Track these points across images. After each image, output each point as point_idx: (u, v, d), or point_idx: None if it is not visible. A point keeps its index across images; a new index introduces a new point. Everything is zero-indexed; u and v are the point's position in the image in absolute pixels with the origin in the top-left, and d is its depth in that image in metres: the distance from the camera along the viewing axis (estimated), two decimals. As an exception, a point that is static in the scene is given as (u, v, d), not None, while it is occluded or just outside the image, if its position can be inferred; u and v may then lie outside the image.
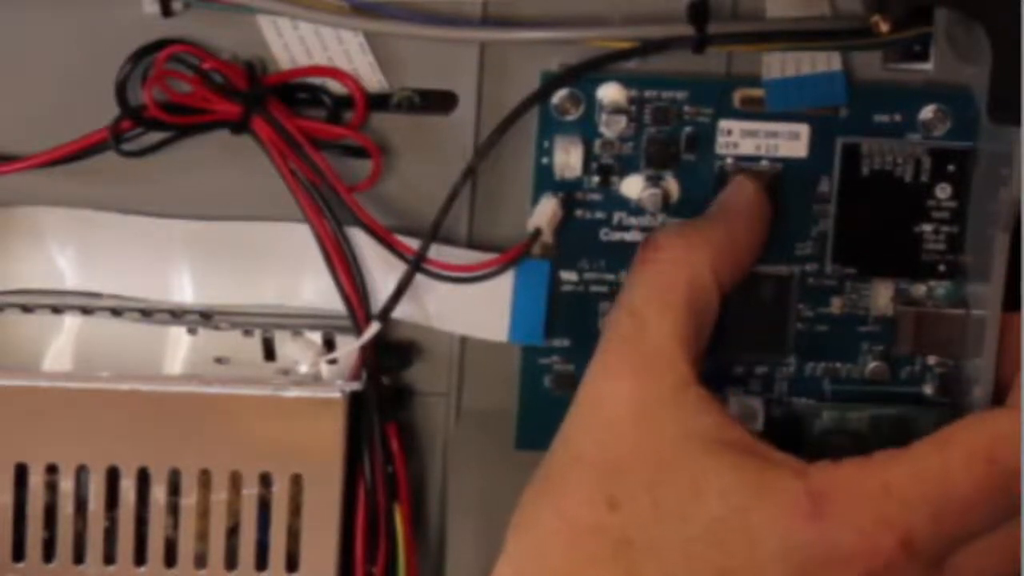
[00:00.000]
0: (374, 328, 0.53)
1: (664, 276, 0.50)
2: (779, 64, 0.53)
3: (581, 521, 0.47)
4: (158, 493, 0.54)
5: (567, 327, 0.55)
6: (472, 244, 0.54)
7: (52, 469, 0.54)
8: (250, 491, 0.54)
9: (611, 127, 0.53)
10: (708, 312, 0.51)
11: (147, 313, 0.55)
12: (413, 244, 0.53)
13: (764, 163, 0.54)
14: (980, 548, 0.48)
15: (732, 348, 0.53)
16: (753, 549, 0.46)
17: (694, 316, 0.50)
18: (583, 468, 0.48)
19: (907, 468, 0.47)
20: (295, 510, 0.54)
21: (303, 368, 0.54)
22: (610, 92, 0.53)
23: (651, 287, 0.50)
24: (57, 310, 0.55)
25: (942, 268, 0.54)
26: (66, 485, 0.54)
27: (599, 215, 0.54)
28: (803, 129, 0.53)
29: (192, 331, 0.55)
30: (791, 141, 0.53)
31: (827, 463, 0.47)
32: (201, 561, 0.55)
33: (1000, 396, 0.51)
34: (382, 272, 0.53)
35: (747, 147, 0.53)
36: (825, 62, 0.53)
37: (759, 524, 0.46)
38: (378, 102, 0.53)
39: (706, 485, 0.47)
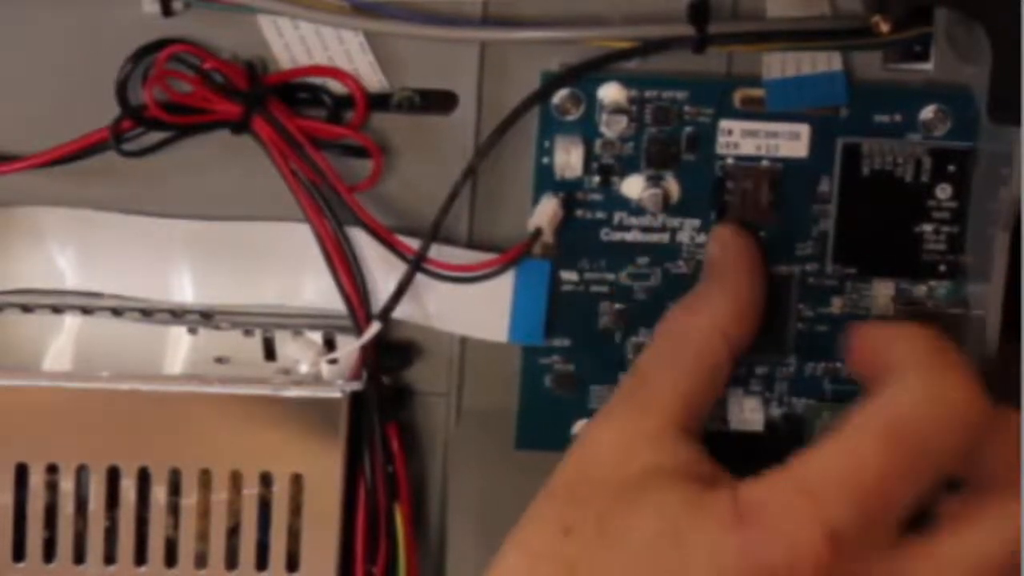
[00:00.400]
0: (374, 328, 0.53)
1: (671, 342, 0.51)
2: (779, 64, 0.53)
3: (538, 549, 0.48)
4: (158, 493, 0.54)
5: (567, 327, 0.55)
6: (472, 244, 0.54)
7: (52, 469, 0.54)
8: (250, 491, 0.54)
9: (612, 127, 0.53)
10: (718, 372, 0.51)
11: (147, 313, 0.55)
12: (413, 244, 0.53)
13: (764, 163, 0.54)
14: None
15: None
16: (685, 564, 0.46)
17: (700, 375, 0.51)
18: (551, 502, 0.49)
19: (819, 464, 0.46)
20: (295, 510, 0.54)
21: (303, 368, 0.54)
22: (610, 92, 0.53)
23: (659, 351, 0.51)
24: (57, 310, 0.55)
25: (942, 268, 0.54)
26: (66, 485, 0.54)
27: (599, 215, 0.54)
28: (803, 129, 0.53)
29: (192, 331, 0.55)
30: (791, 141, 0.53)
31: (757, 476, 0.47)
32: (201, 561, 0.55)
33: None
34: (382, 272, 0.53)
35: (747, 147, 0.53)
36: (825, 62, 0.53)
37: (691, 539, 0.46)
38: (378, 102, 0.53)
39: (647, 506, 0.47)
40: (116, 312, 0.55)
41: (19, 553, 0.54)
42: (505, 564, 0.48)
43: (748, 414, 0.54)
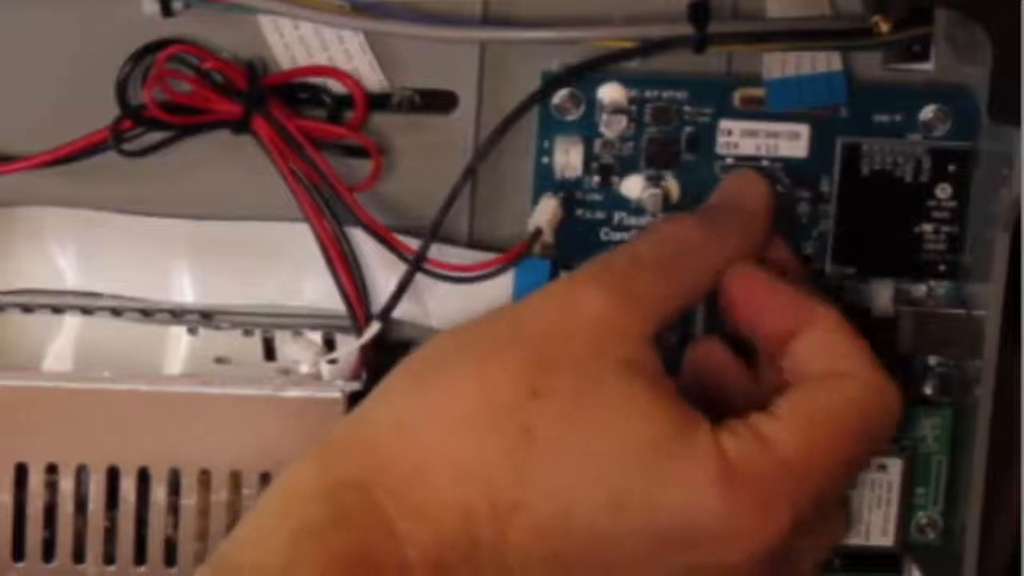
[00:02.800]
0: (374, 328, 0.53)
1: (680, 254, 0.50)
2: (779, 64, 0.53)
3: (498, 397, 0.46)
4: (158, 493, 0.54)
5: (567, 327, 0.55)
6: (472, 244, 0.54)
7: (52, 469, 0.54)
8: (250, 491, 0.54)
9: (611, 127, 0.53)
10: (698, 302, 0.51)
11: (147, 313, 0.55)
12: (413, 244, 0.53)
13: (765, 163, 0.54)
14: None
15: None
16: (662, 487, 0.46)
17: (690, 300, 0.50)
18: (522, 348, 0.47)
19: (800, 442, 0.47)
20: (295, 510, 0.54)
21: (303, 368, 0.54)
22: (610, 92, 0.53)
23: (664, 254, 0.50)
24: (57, 310, 0.55)
25: (942, 268, 0.54)
26: (66, 485, 0.54)
27: (599, 215, 0.54)
28: (803, 129, 0.54)
29: (192, 331, 0.55)
30: (791, 141, 0.53)
31: (735, 436, 0.47)
32: (201, 561, 0.54)
33: None
34: (382, 272, 0.53)
35: (747, 147, 0.53)
36: (825, 62, 0.53)
37: (672, 468, 0.46)
38: (378, 102, 0.53)
39: (634, 409, 0.46)
40: (116, 312, 0.55)
41: (19, 553, 0.54)
42: (457, 383, 0.46)
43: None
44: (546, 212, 0.53)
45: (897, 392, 0.49)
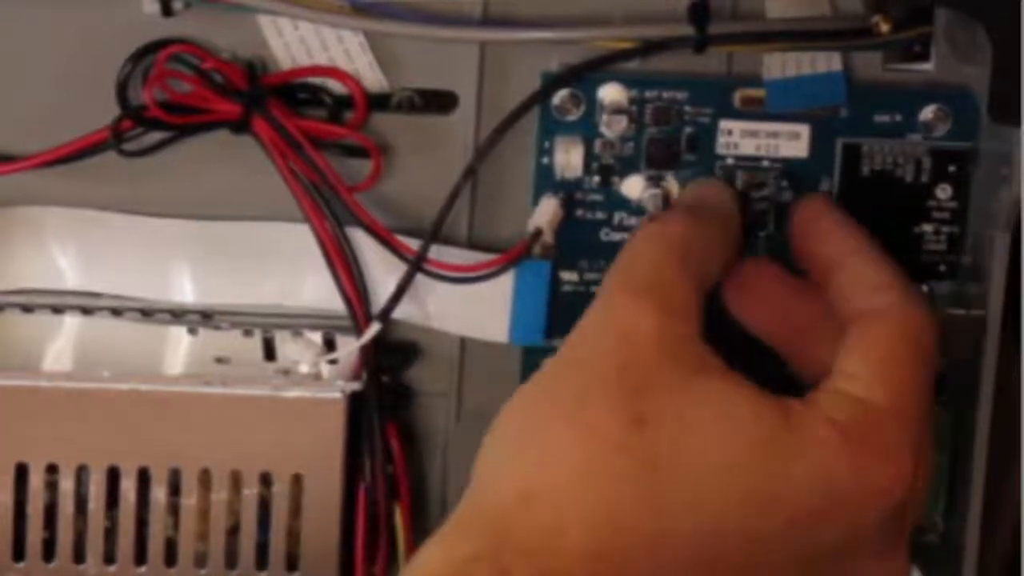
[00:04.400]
0: (374, 328, 0.53)
1: (661, 235, 0.50)
2: (779, 64, 0.53)
3: (606, 438, 0.46)
4: (158, 493, 0.54)
5: (567, 327, 0.54)
6: (472, 244, 0.54)
7: (52, 469, 0.54)
8: (250, 491, 0.54)
9: (612, 127, 0.53)
10: (709, 277, 0.51)
11: (147, 313, 0.55)
12: (413, 244, 0.53)
13: (764, 163, 0.54)
14: None
15: (734, 348, 0.53)
16: (789, 477, 0.46)
17: (696, 273, 0.50)
18: (607, 387, 0.46)
19: (887, 389, 0.48)
20: (295, 510, 0.54)
21: (303, 368, 0.54)
22: (611, 92, 0.53)
23: (656, 239, 0.50)
24: (57, 310, 0.55)
25: (942, 268, 0.54)
26: (66, 485, 0.54)
27: (600, 215, 0.54)
28: (803, 129, 0.54)
29: (192, 331, 0.55)
30: (792, 141, 0.53)
31: (835, 404, 0.48)
32: (201, 561, 0.55)
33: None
34: (382, 272, 0.53)
35: (747, 147, 0.53)
36: (825, 62, 0.53)
37: (795, 453, 0.46)
38: (378, 102, 0.53)
39: (738, 410, 0.47)
40: (116, 312, 0.55)
41: (19, 553, 0.54)
42: (557, 444, 0.46)
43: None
44: (546, 212, 0.53)
45: (930, 313, 0.50)
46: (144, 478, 0.54)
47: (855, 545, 0.48)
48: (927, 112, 0.53)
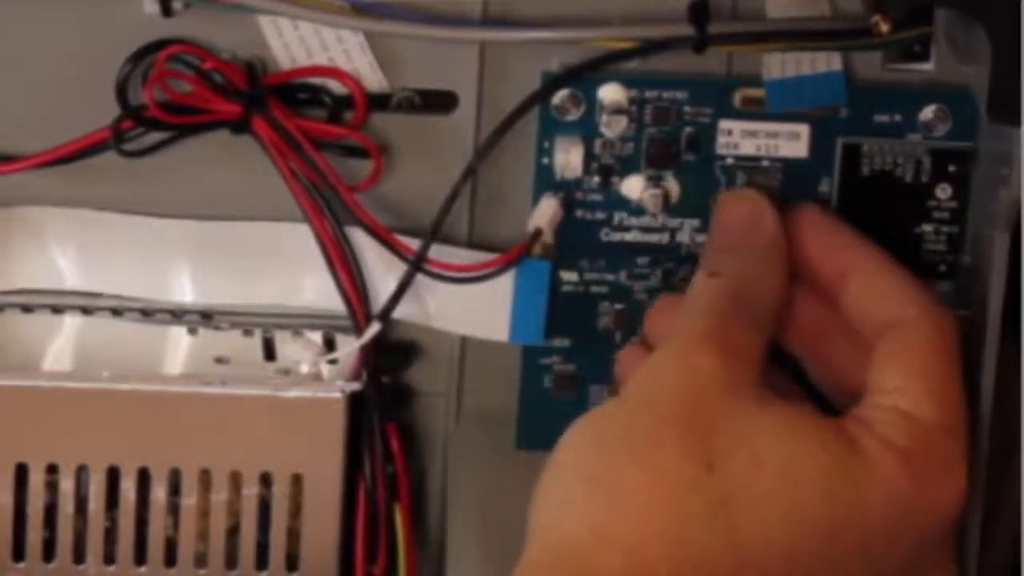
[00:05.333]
0: (374, 328, 0.53)
1: (731, 291, 0.51)
2: (779, 64, 0.53)
3: (677, 480, 0.46)
4: (158, 493, 0.54)
5: (567, 327, 0.55)
6: (472, 244, 0.54)
7: (52, 469, 0.54)
8: (250, 491, 0.54)
9: (612, 127, 0.53)
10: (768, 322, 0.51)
11: (147, 313, 0.55)
12: (413, 244, 0.53)
13: (765, 163, 0.54)
14: None
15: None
16: (863, 503, 0.47)
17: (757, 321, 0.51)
18: (674, 429, 0.47)
19: (932, 402, 0.49)
20: (295, 510, 0.54)
21: (303, 368, 0.54)
22: (611, 92, 0.53)
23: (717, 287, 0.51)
24: (57, 310, 0.55)
25: (943, 268, 0.54)
26: (66, 485, 0.54)
27: (599, 215, 0.54)
28: (803, 129, 0.53)
29: (192, 331, 0.55)
30: (791, 141, 0.53)
31: (888, 424, 0.48)
32: (201, 561, 0.55)
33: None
34: (382, 272, 0.53)
35: (747, 147, 0.53)
36: (825, 62, 0.53)
37: (863, 478, 0.47)
38: (378, 102, 0.53)
39: (804, 442, 0.47)
40: (116, 312, 0.55)
41: (19, 553, 0.54)
42: (628, 487, 0.46)
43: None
44: (546, 212, 0.53)
45: (952, 315, 0.50)
46: (144, 478, 0.54)
47: (921, 558, 0.49)
48: (927, 112, 0.53)
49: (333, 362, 0.54)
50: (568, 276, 0.54)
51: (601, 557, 0.46)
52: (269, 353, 0.55)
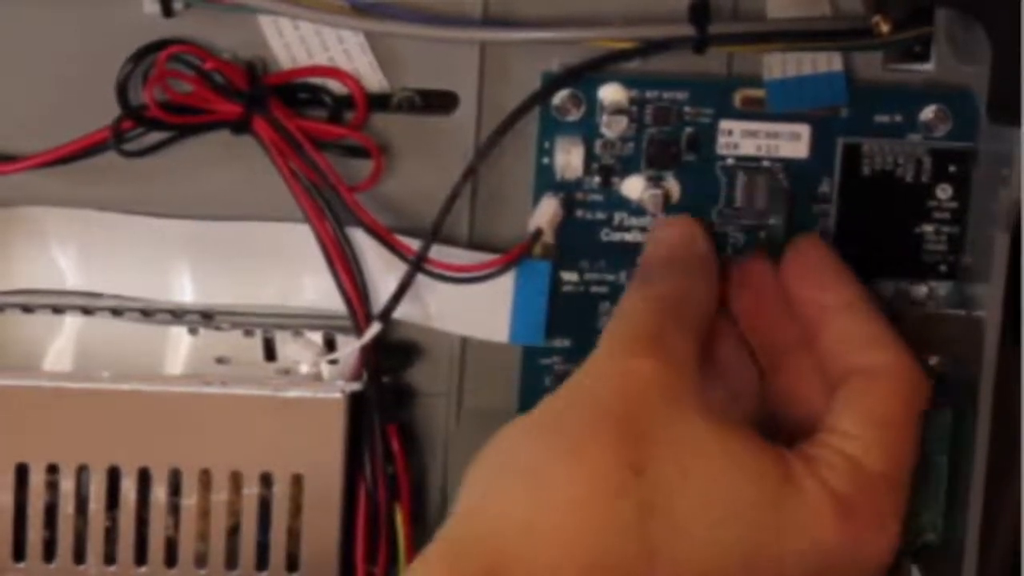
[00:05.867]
0: (375, 328, 0.53)
1: (665, 301, 0.51)
2: (780, 64, 0.53)
3: (607, 481, 0.46)
4: (159, 493, 0.54)
5: (568, 327, 0.55)
6: (473, 244, 0.54)
7: (52, 469, 0.54)
8: (250, 491, 0.54)
9: (612, 127, 0.53)
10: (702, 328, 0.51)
11: (147, 313, 0.55)
12: (414, 244, 0.53)
13: (765, 163, 0.54)
14: None
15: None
16: (781, 543, 0.47)
17: (692, 327, 0.50)
18: (609, 430, 0.47)
19: (880, 451, 0.49)
20: (295, 510, 0.54)
21: (304, 368, 0.54)
22: (611, 92, 0.53)
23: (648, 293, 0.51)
24: (57, 310, 0.55)
25: (943, 268, 0.54)
26: (66, 485, 0.54)
27: (600, 215, 0.54)
28: (804, 129, 0.54)
29: (193, 331, 0.55)
30: (792, 142, 0.53)
31: (831, 467, 0.48)
32: (201, 561, 0.55)
33: None
34: (383, 272, 0.53)
35: (748, 147, 0.53)
36: (825, 62, 0.53)
37: (790, 519, 0.47)
38: (379, 102, 0.53)
39: (738, 465, 0.47)
40: (116, 312, 0.55)
41: (19, 553, 0.54)
42: (558, 483, 0.46)
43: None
44: (546, 212, 0.53)
45: (923, 372, 0.50)
46: (144, 478, 0.54)
47: None
48: (927, 112, 0.53)
49: (333, 362, 0.54)
50: (568, 276, 0.54)
51: (521, 546, 0.46)
52: (269, 353, 0.55)
